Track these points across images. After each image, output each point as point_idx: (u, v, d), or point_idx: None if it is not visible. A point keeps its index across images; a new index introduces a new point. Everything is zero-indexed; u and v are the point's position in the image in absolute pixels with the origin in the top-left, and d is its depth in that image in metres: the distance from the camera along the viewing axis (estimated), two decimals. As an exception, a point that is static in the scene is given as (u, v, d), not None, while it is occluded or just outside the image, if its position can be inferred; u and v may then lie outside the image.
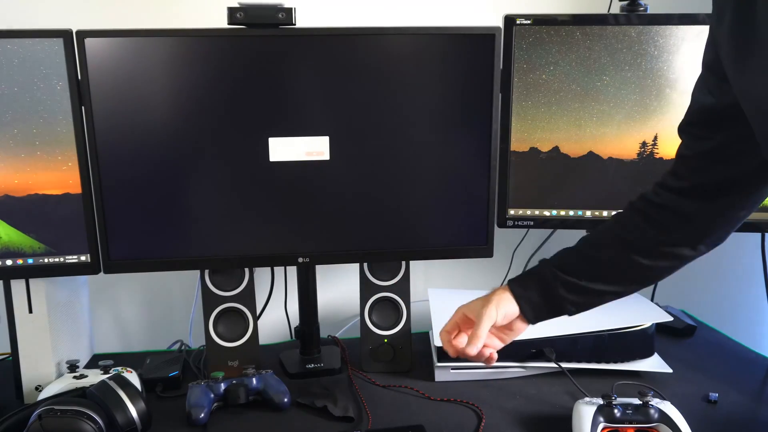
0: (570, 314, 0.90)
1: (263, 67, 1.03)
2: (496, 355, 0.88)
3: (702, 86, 0.79)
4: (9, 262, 1.03)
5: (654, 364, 1.10)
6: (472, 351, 0.84)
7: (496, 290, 0.89)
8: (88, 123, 1.00)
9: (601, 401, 0.90)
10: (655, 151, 1.18)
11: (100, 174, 1.02)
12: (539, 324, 1.10)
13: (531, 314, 0.88)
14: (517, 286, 0.89)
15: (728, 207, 0.83)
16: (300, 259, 1.11)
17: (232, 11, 1.01)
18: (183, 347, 1.23)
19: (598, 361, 1.09)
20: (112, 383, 0.89)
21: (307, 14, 1.11)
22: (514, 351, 1.08)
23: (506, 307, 0.87)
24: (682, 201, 0.83)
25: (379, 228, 1.12)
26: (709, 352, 1.21)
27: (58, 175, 1.01)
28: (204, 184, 1.06)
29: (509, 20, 1.15)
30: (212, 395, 0.99)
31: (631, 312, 1.16)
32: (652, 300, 1.35)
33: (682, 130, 0.84)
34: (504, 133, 1.17)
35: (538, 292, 0.88)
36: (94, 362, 1.20)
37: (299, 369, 1.14)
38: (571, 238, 1.39)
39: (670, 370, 1.08)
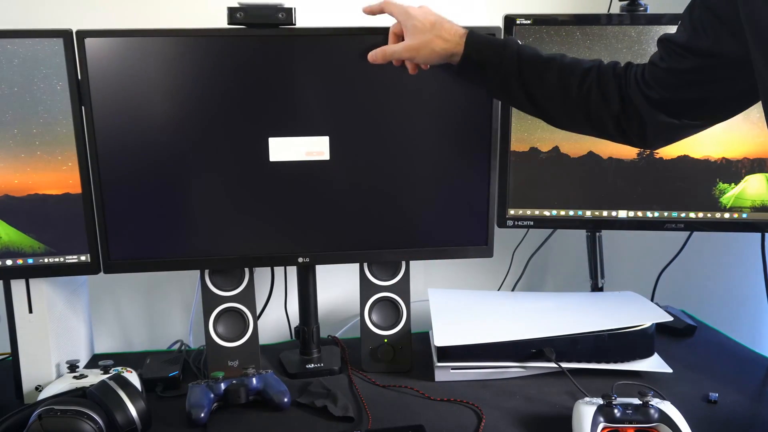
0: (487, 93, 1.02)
1: (263, 67, 1.03)
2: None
3: (698, 22, 0.77)
4: (9, 262, 1.03)
5: (654, 364, 1.10)
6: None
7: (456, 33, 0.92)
8: (88, 123, 1.00)
9: (601, 401, 0.90)
10: (655, 151, 1.18)
11: (100, 174, 1.02)
12: (539, 324, 1.11)
13: (461, 73, 0.95)
14: (475, 52, 0.91)
15: (689, 127, 0.83)
16: (300, 259, 1.11)
17: (232, 11, 1.01)
18: (183, 347, 1.23)
19: (598, 361, 1.09)
20: (112, 383, 0.89)
21: (307, 14, 1.11)
22: (514, 351, 1.08)
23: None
24: (645, 105, 0.83)
25: (379, 228, 1.12)
26: (709, 352, 1.21)
27: (58, 175, 1.01)
28: (204, 184, 1.06)
29: (509, 20, 1.15)
30: (212, 395, 0.99)
31: (631, 312, 1.16)
32: (652, 300, 1.36)
33: (663, 41, 0.82)
34: (504, 133, 1.17)
35: (493, 73, 0.91)
36: (94, 362, 1.20)
37: (299, 369, 1.14)
38: (571, 238, 1.41)
39: (670, 370, 1.08)
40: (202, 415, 0.96)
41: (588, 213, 1.23)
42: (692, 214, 1.21)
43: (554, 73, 0.89)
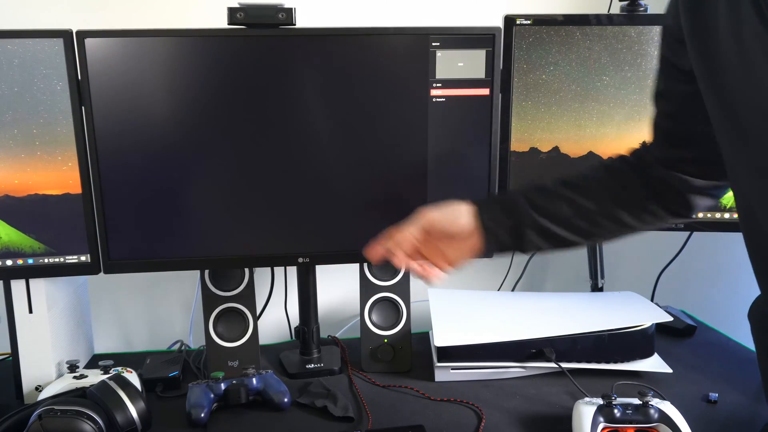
0: (525, 253, 0.90)
1: (263, 67, 1.03)
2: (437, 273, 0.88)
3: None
4: (9, 262, 1.03)
5: (654, 364, 1.10)
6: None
7: (464, 212, 0.85)
8: (88, 123, 1.00)
9: (601, 401, 0.90)
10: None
11: (100, 174, 1.02)
12: (539, 324, 1.11)
13: (493, 251, 0.86)
14: (488, 220, 0.84)
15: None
16: (300, 259, 1.11)
17: (232, 11, 1.01)
18: (183, 347, 1.23)
19: (598, 361, 1.09)
20: (112, 383, 0.89)
21: (307, 14, 1.11)
22: (514, 351, 1.09)
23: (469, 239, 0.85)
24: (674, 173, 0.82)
25: (379, 228, 1.12)
26: (709, 352, 1.21)
27: (58, 175, 1.01)
28: (204, 184, 1.06)
29: (509, 20, 1.15)
30: (212, 395, 0.99)
31: (631, 312, 1.16)
32: (652, 300, 1.36)
33: (655, 96, 0.82)
34: (504, 133, 1.17)
35: (510, 232, 0.84)
36: (94, 362, 1.20)
37: (299, 369, 1.14)
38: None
39: (670, 370, 1.08)
40: (203, 415, 0.96)
41: (588, 213, 1.23)
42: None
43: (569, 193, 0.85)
